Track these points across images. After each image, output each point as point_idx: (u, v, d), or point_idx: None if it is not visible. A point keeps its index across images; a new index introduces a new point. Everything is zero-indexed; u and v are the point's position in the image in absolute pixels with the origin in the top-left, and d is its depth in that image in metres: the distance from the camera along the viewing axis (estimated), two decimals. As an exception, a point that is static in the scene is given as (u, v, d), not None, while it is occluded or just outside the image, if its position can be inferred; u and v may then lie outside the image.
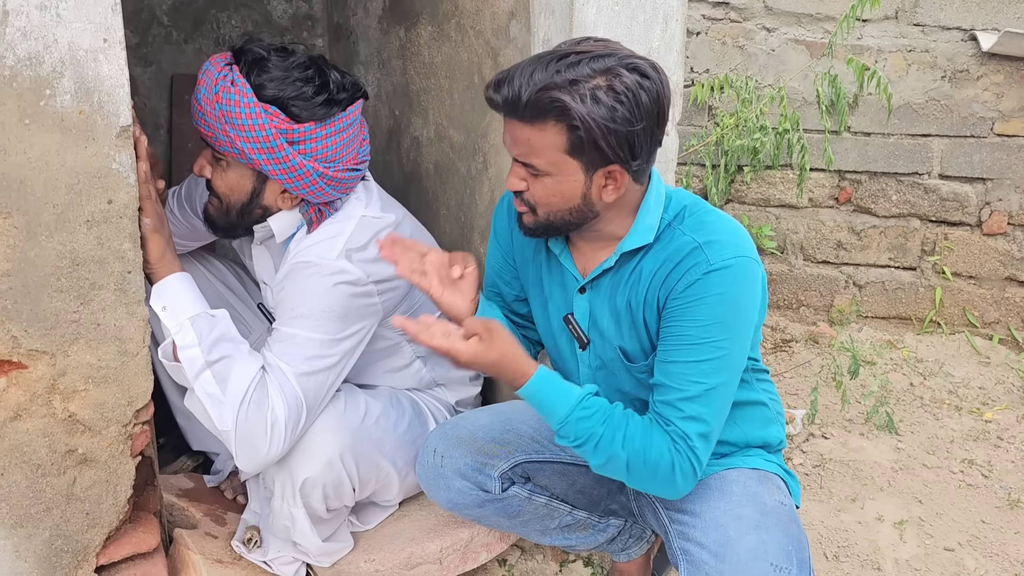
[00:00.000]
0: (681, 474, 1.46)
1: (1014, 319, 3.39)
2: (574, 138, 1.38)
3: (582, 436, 1.48)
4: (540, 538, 1.85)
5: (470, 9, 2.09)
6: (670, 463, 1.46)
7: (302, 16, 3.01)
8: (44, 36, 1.33)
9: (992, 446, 2.71)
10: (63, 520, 1.54)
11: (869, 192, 3.37)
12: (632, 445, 1.46)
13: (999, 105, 3.23)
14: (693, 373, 1.45)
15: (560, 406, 1.48)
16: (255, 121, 1.60)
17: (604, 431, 1.47)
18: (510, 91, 1.38)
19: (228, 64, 1.64)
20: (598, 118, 1.35)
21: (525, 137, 1.41)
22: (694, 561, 1.51)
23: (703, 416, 1.46)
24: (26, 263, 1.40)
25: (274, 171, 1.66)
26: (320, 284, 1.66)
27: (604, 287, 1.58)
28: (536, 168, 1.43)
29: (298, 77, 1.64)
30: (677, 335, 1.47)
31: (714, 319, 1.44)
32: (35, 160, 1.37)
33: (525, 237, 1.68)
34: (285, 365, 1.63)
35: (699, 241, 1.47)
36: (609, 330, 1.58)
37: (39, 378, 1.46)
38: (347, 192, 1.78)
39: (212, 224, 1.82)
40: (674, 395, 1.46)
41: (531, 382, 1.49)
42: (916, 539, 2.28)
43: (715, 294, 1.44)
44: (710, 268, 1.44)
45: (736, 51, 3.29)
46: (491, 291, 1.80)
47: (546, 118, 1.37)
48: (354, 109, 1.72)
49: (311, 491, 1.70)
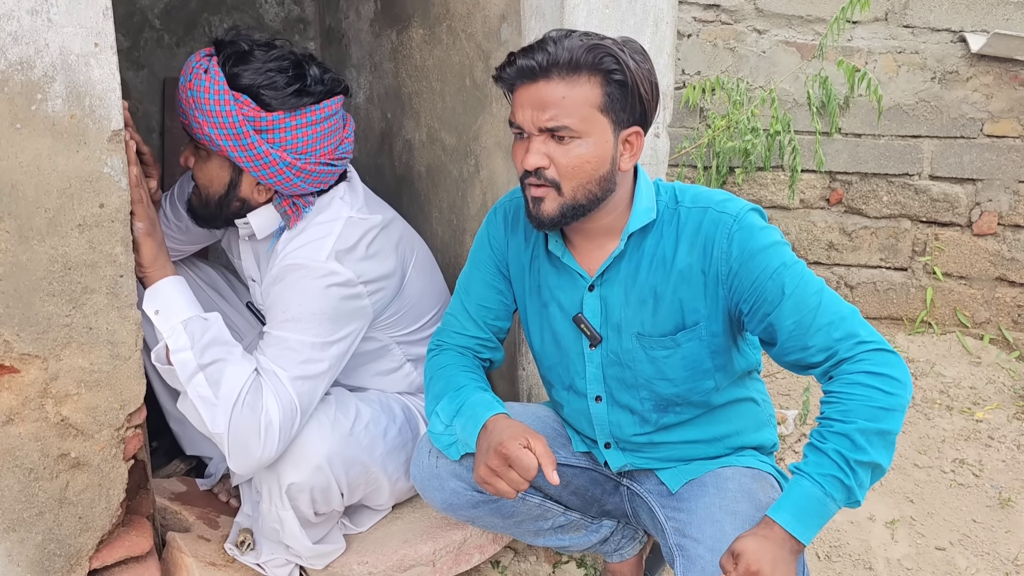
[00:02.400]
0: (902, 367, 1.43)
1: (1005, 319, 3.41)
2: (609, 90, 1.44)
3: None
4: (534, 539, 1.85)
5: (461, 12, 2.09)
6: (905, 377, 1.42)
7: (294, 19, 3.01)
8: (35, 40, 1.33)
9: (983, 445, 2.72)
10: (56, 524, 1.54)
11: (860, 193, 3.39)
12: (876, 403, 1.40)
13: (989, 106, 3.24)
14: (808, 298, 1.45)
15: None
16: (222, 107, 1.62)
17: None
18: (548, 53, 1.42)
19: (208, 55, 1.66)
20: (641, 67, 1.46)
21: (559, 95, 1.42)
22: (690, 556, 1.52)
23: (853, 318, 1.45)
24: (18, 267, 1.40)
25: (240, 158, 1.67)
26: (311, 287, 1.66)
27: (619, 277, 1.59)
28: (570, 129, 1.43)
29: (273, 67, 1.65)
30: (762, 284, 1.48)
31: (770, 242, 1.49)
32: (26, 164, 1.37)
33: (515, 241, 1.69)
34: (279, 369, 1.63)
35: (712, 207, 1.53)
36: (628, 319, 1.59)
37: (31, 382, 1.46)
38: (321, 186, 1.78)
39: (194, 214, 1.84)
40: (833, 332, 1.44)
41: None
42: (908, 538, 2.29)
43: (758, 228, 1.50)
44: (736, 215, 1.51)
45: (727, 53, 3.30)
46: (471, 313, 1.76)
47: (581, 72, 1.42)
48: (331, 103, 1.72)
49: (298, 495, 1.70)
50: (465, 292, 1.77)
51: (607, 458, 1.75)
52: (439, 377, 1.71)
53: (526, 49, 1.45)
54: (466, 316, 1.76)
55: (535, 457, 1.46)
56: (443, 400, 1.67)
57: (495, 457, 1.48)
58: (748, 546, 1.37)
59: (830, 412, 1.41)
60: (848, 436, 1.37)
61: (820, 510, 1.38)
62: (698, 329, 1.56)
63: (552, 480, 1.44)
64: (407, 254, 1.89)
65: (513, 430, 1.50)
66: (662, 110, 2.04)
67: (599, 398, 1.68)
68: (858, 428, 1.37)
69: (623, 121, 1.47)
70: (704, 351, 1.57)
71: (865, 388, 1.38)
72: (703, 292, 1.54)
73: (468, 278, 1.77)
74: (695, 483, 1.66)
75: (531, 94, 1.44)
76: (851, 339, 1.43)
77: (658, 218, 1.57)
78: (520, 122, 1.47)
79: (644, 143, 1.53)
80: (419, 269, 1.93)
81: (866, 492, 1.40)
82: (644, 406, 1.64)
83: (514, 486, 1.48)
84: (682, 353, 1.57)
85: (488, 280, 1.75)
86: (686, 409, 1.64)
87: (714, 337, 1.56)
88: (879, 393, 1.38)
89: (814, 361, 1.45)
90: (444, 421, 1.65)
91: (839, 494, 1.37)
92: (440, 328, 1.81)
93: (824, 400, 1.44)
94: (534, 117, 1.45)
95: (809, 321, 1.44)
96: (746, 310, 1.51)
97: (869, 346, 1.42)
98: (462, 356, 1.75)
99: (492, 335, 1.77)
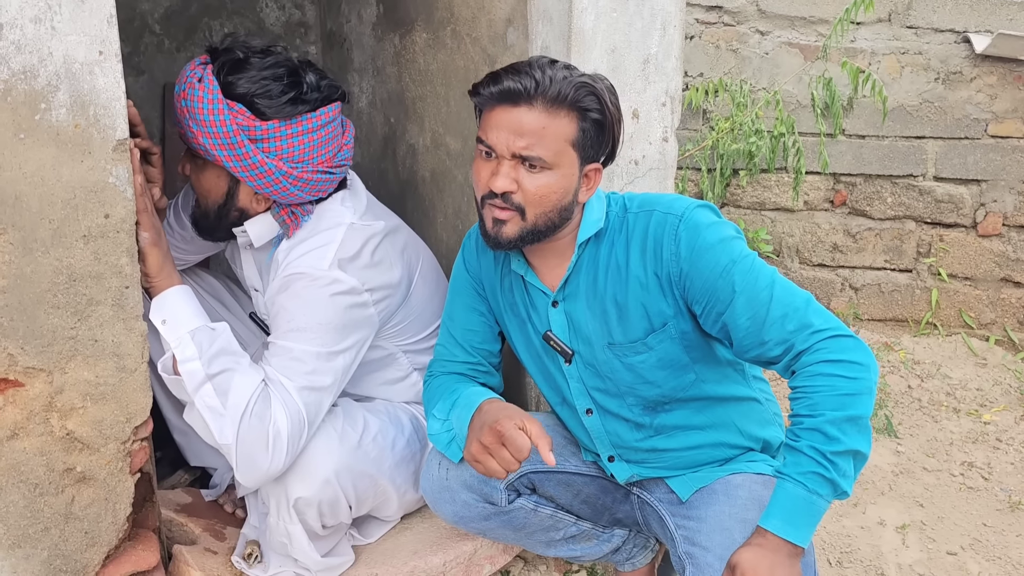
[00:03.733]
0: (862, 350, 1.41)
1: (1010, 320, 3.39)
2: (584, 127, 1.46)
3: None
4: (545, 550, 1.83)
5: (466, 16, 2.07)
6: (866, 359, 1.41)
7: (295, 23, 2.98)
8: (39, 49, 1.31)
9: (991, 448, 2.71)
10: (61, 540, 1.52)
11: (864, 194, 3.37)
12: (840, 391, 1.38)
13: (993, 106, 3.23)
14: (760, 293, 1.44)
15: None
16: (216, 117, 1.60)
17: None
18: (536, 81, 1.42)
19: (203, 63, 1.64)
20: (618, 108, 1.49)
21: (539, 125, 1.43)
22: (699, 564, 1.50)
23: (807, 307, 1.43)
24: (22, 279, 1.38)
25: (236, 168, 1.65)
26: (316, 296, 1.64)
27: (580, 290, 1.59)
28: (541, 160, 1.44)
29: (268, 76, 1.63)
30: (712, 283, 1.46)
31: (719, 238, 1.48)
32: (30, 175, 1.35)
33: (485, 261, 1.70)
34: (286, 379, 1.60)
35: (657, 209, 1.54)
36: (595, 331, 1.58)
37: (36, 396, 1.44)
38: (319, 195, 1.75)
39: (196, 225, 1.82)
40: (787, 325, 1.42)
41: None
42: (918, 543, 2.27)
43: (705, 225, 1.49)
44: (682, 215, 1.51)
45: (730, 55, 3.29)
46: (458, 339, 1.75)
47: (561, 106, 1.43)
48: (328, 111, 1.70)
49: (305, 509, 1.68)
50: (450, 319, 1.77)
51: (612, 471, 1.73)
52: (436, 392, 1.72)
53: (512, 71, 1.45)
54: (454, 343, 1.76)
55: (529, 438, 1.43)
56: (439, 402, 1.67)
57: (489, 434, 1.46)
58: (743, 557, 1.36)
59: (798, 408, 1.40)
60: (819, 430, 1.36)
61: (809, 509, 1.37)
62: (667, 329, 1.54)
63: (548, 460, 1.41)
64: (413, 261, 1.87)
65: (508, 411, 1.49)
66: (669, 114, 2.02)
67: (589, 411, 1.67)
68: (827, 420, 1.36)
69: (589, 157, 1.50)
70: (678, 348, 1.56)
71: (827, 378, 1.37)
72: (661, 294, 1.53)
73: (451, 305, 1.78)
74: (705, 491, 1.65)
75: (510, 118, 1.44)
76: (806, 330, 1.41)
77: (608, 227, 1.58)
78: (493, 143, 1.46)
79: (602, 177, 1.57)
80: (424, 276, 1.91)
81: (853, 481, 1.39)
82: (633, 411, 1.63)
83: (505, 466, 1.45)
84: (657, 355, 1.56)
85: (469, 304, 1.74)
86: (675, 406, 1.62)
87: (685, 334, 1.55)
88: (842, 380, 1.37)
89: (773, 355, 1.44)
90: (440, 418, 1.65)
91: (824, 489, 1.36)
92: (432, 360, 1.81)
93: (791, 397, 1.43)
94: (509, 141, 1.44)
95: (763, 316, 1.43)
96: (699, 311, 1.51)
97: (824, 334, 1.40)
98: (457, 375, 1.75)
99: (482, 359, 1.76)
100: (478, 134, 1.50)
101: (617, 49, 1.89)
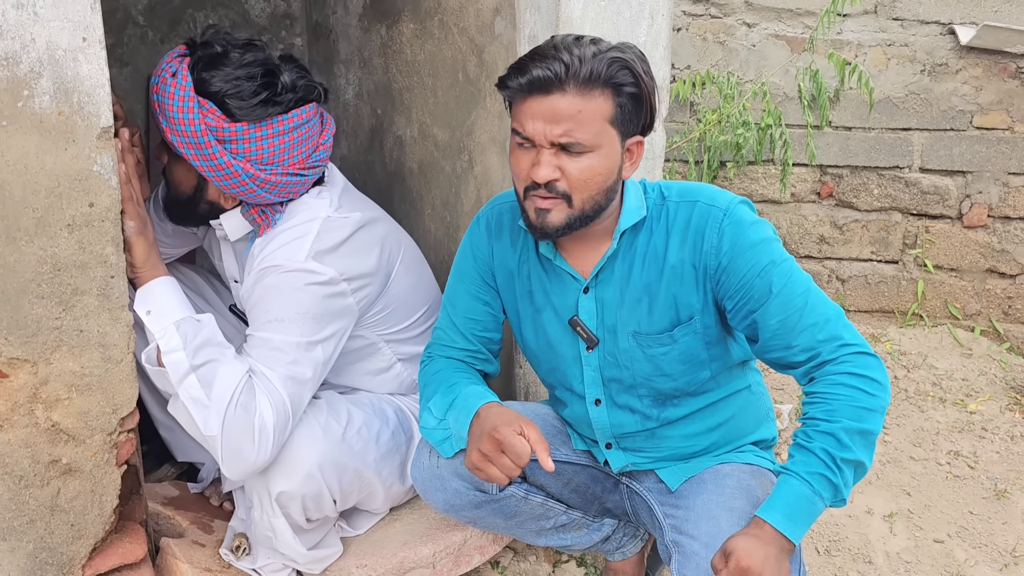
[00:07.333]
0: (882, 371, 1.44)
1: (995, 310, 3.42)
2: (621, 102, 1.43)
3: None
4: (535, 539, 1.83)
5: (453, 6, 2.06)
6: (885, 380, 1.44)
7: (280, 15, 2.96)
8: (21, 35, 1.30)
9: (977, 437, 2.73)
10: (47, 532, 1.51)
11: (851, 186, 3.38)
12: (859, 404, 1.41)
13: (978, 98, 3.25)
14: (795, 298, 1.46)
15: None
16: (186, 115, 1.58)
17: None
18: (565, 65, 1.38)
19: (180, 56, 1.62)
20: (652, 77, 1.46)
21: (575, 109, 1.40)
22: (685, 552, 1.52)
23: (838, 320, 1.46)
24: (5, 269, 1.37)
25: (202, 167, 1.63)
26: (292, 286, 1.63)
27: (613, 278, 1.57)
28: (581, 144, 1.41)
29: (242, 75, 1.60)
30: (749, 281, 1.47)
31: (761, 238, 1.48)
32: (13, 163, 1.33)
33: (500, 247, 1.67)
34: (268, 370, 1.59)
35: (701, 200, 1.53)
36: (623, 319, 1.57)
37: (20, 387, 1.42)
38: (290, 196, 1.73)
39: (167, 210, 1.81)
40: (817, 334, 1.44)
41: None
42: (906, 531, 2.28)
43: (748, 223, 1.49)
44: (726, 209, 1.50)
45: (717, 47, 3.29)
46: (459, 326, 1.73)
47: (594, 86, 1.40)
48: (301, 113, 1.66)
49: (289, 503, 1.67)
50: (451, 304, 1.75)
51: (608, 458, 1.73)
52: (433, 380, 1.70)
53: (538, 56, 1.40)
54: (454, 329, 1.74)
55: (528, 444, 1.44)
56: (436, 396, 1.65)
57: (488, 442, 1.46)
58: (739, 544, 1.37)
59: (814, 412, 1.42)
60: (834, 435, 1.39)
61: (809, 508, 1.39)
62: (693, 323, 1.55)
63: (547, 466, 1.42)
64: (393, 251, 1.85)
65: (506, 416, 1.49)
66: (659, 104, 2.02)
67: (598, 401, 1.66)
68: (843, 427, 1.39)
69: (629, 131, 1.47)
70: (699, 343, 1.56)
71: (848, 389, 1.40)
72: (695, 286, 1.53)
73: (453, 291, 1.75)
74: (694, 480, 1.66)
75: (544, 107, 1.40)
76: (835, 341, 1.44)
77: (648, 215, 1.56)
78: (530, 134, 1.43)
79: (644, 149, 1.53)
80: (407, 265, 1.89)
81: (850, 491, 1.43)
82: (643, 403, 1.63)
83: (506, 472, 1.46)
84: (679, 348, 1.56)
85: (474, 292, 1.72)
86: (684, 400, 1.63)
87: (708, 329, 1.56)
88: (862, 394, 1.40)
89: (796, 360, 1.47)
90: (437, 416, 1.63)
91: (827, 492, 1.39)
92: (430, 342, 1.79)
93: (807, 401, 1.45)
94: (547, 130, 1.41)
95: (795, 321, 1.45)
96: (730, 307, 1.51)
97: (852, 349, 1.44)
98: (455, 361, 1.73)
99: (482, 347, 1.74)
100: (512, 125, 1.46)
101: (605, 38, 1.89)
